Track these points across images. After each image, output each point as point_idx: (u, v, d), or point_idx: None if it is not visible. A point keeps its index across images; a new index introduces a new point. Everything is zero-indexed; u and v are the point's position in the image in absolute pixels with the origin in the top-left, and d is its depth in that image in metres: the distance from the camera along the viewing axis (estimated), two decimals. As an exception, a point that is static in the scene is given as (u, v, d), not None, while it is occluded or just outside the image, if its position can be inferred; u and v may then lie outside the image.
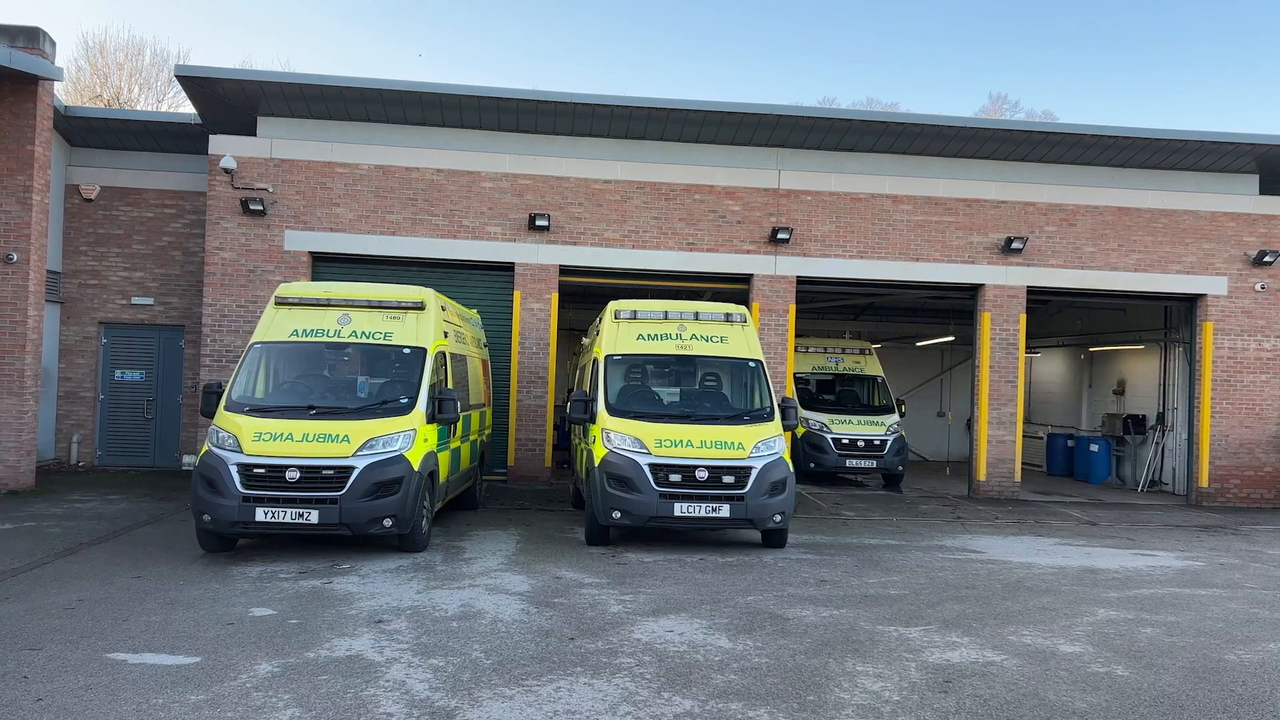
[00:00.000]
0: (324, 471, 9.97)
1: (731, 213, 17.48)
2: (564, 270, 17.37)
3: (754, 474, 11.01)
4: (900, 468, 19.19)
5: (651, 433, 11.18)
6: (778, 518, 11.19)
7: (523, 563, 10.25)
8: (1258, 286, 18.41)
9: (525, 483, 17.03)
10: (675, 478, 10.93)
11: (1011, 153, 18.17)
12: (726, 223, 17.45)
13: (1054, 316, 24.32)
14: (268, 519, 9.80)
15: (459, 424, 12.27)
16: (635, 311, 12.53)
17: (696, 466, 10.94)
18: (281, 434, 10.06)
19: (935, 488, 19.70)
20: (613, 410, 11.59)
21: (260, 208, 16.27)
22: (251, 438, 10.01)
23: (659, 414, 11.72)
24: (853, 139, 17.79)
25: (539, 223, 16.87)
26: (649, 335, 12.33)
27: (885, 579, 9.91)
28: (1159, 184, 18.48)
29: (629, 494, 10.93)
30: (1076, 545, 12.89)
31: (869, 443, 18.89)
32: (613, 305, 12.74)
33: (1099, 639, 7.51)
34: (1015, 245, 17.73)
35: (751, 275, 17.51)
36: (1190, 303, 18.83)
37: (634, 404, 11.89)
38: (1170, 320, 20.69)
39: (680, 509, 10.85)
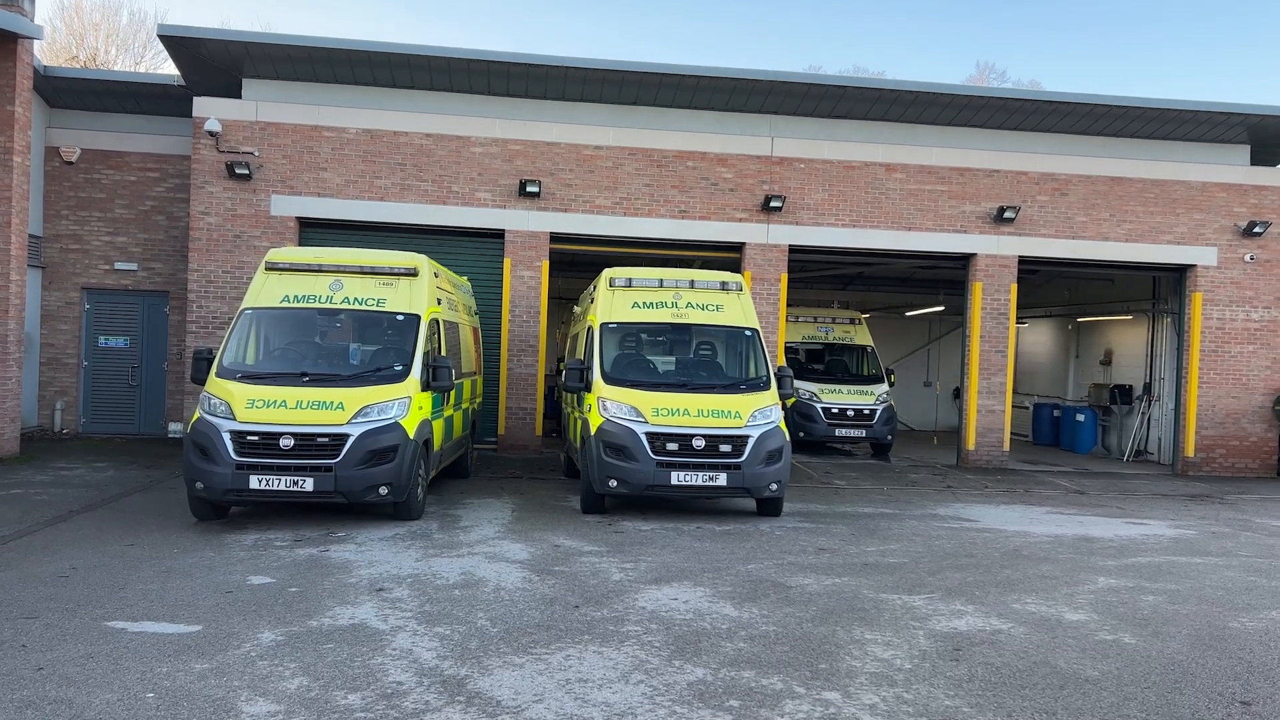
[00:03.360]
0: (319, 439, 9.86)
1: (724, 180, 17.33)
2: (554, 238, 17.19)
3: (751, 443, 10.97)
4: (889, 437, 19.25)
5: (648, 401, 11.11)
6: (774, 486, 11.17)
7: (520, 531, 10.19)
8: (1247, 257, 18.47)
9: (516, 451, 16.96)
10: (672, 446, 10.88)
11: (1004, 121, 18.08)
12: (719, 190, 17.30)
13: (1041, 287, 24.35)
14: (262, 487, 9.69)
15: (452, 392, 12.15)
16: (630, 279, 12.41)
17: (694, 435, 10.89)
18: (275, 401, 9.92)
19: (924, 457, 19.78)
20: (609, 379, 11.51)
21: (246, 172, 15.98)
22: (244, 404, 9.87)
23: (655, 383, 11.64)
24: (846, 106, 17.64)
25: (529, 189, 16.66)
26: (644, 303, 12.22)
27: (884, 547, 9.92)
28: (1151, 154, 18.45)
29: (626, 463, 10.87)
30: (1068, 514, 12.95)
31: (858, 412, 18.92)
32: (607, 273, 12.62)
33: (1103, 607, 7.54)
34: (1008, 215, 17.68)
35: (744, 244, 17.40)
36: (1180, 273, 18.88)
37: (630, 372, 11.81)
38: (1158, 291, 20.75)
39: (677, 477, 10.81)
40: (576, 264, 19.77)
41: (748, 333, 12.21)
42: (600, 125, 17.20)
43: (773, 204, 17.08)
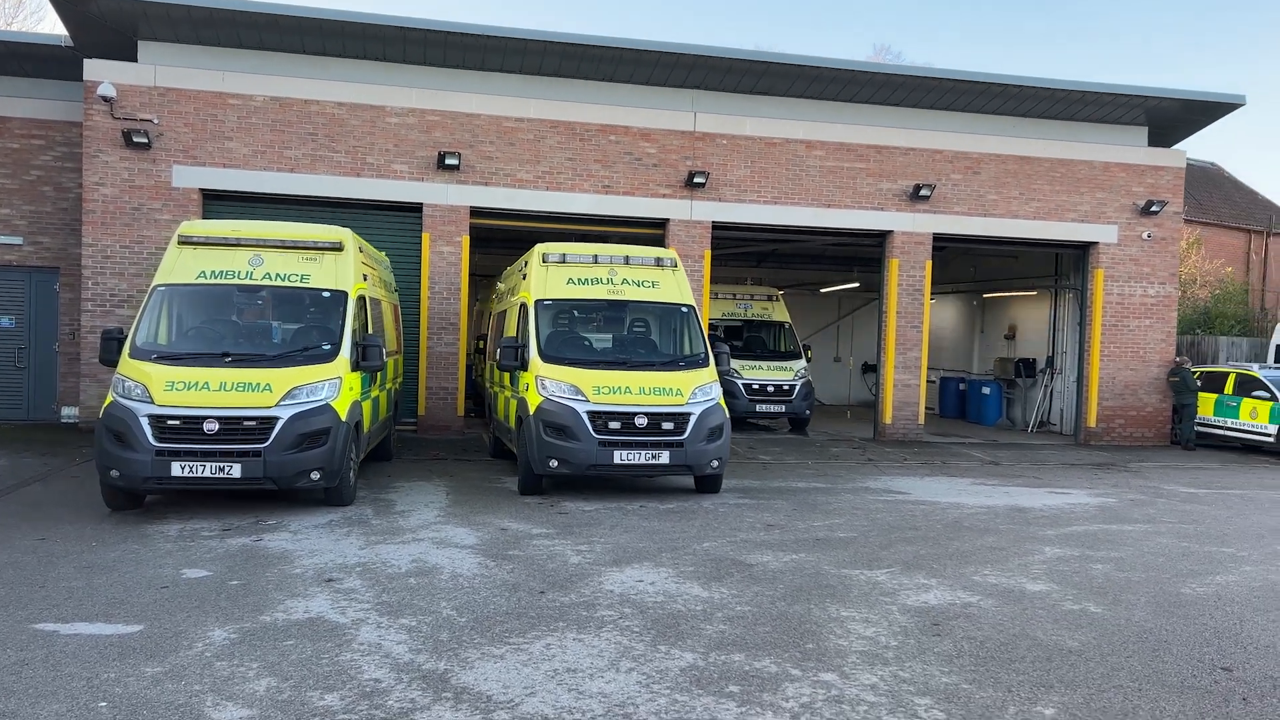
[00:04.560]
0: (245, 423, 9.33)
1: (647, 155, 17.12)
2: (475, 212, 16.71)
3: (693, 420, 10.87)
4: (807, 412, 19.48)
5: (589, 379, 10.88)
6: (715, 463, 11.11)
7: (461, 515, 9.86)
8: (1145, 235, 19.24)
9: (437, 433, 16.50)
10: (615, 425, 10.69)
11: (920, 100, 18.35)
12: (642, 165, 17.09)
13: (948, 264, 24.94)
14: (185, 474, 9.12)
15: (379, 372, 11.69)
16: (564, 255, 12.12)
17: (636, 413, 10.72)
18: (196, 383, 9.33)
19: (841, 431, 20.08)
20: (546, 357, 11.22)
21: (144, 140, 15.02)
22: (163, 387, 9.26)
23: (594, 360, 11.41)
24: (767, 83, 17.61)
25: (449, 161, 16.15)
26: (579, 280, 11.95)
27: (829, 522, 9.96)
28: (1057, 134, 19.01)
29: (567, 442, 10.63)
30: (991, 485, 13.28)
31: (778, 388, 19.06)
32: (539, 248, 12.29)
33: (1059, 577, 7.69)
34: (923, 192, 17.99)
35: (667, 220, 17.25)
36: (1083, 250, 19.55)
37: (567, 350, 11.55)
38: (1060, 268, 21.48)
39: (620, 456, 10.64)
40: (491, 239, 19.27)
41: (684, 309, 12.07)
42: (522, 97, 16.77)
43: (696, 180, 16.97)
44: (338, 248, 10.91)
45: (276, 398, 9.46)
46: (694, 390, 11.03)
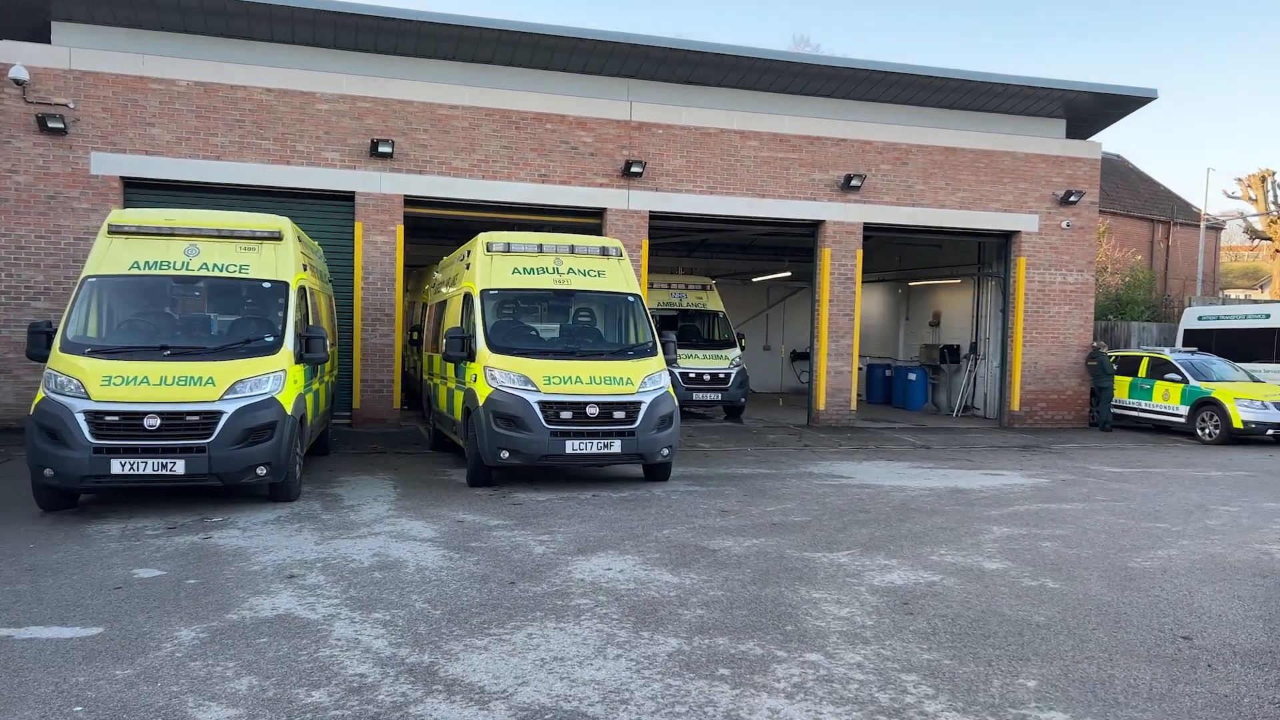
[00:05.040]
0: (188, 417, 9.04)
1: (584, 144, 17.06)
2: (409, 201, 16.44)
3: (644, 409, 10.89)
4: (743, 400, 19.70)
5: (539, 370, 10.82)
6: (666, 451, 11.17)
7: (413, 508, 9.71)
8: (1064, 224, 19.91)
9: (373, 426, 16.21)
10: (566, 415, 10.65)
11: (850, 92, 18.65)
12: (579, 154, 17.02)
13: (874, 253, 25.43)
14: (125, 471, 8.80)
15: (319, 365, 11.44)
16: (509, 244, 12.01)
17: (588, 403, 10.69)
18: (135, 378, 9.00)
19: (775, 418, 20.35)
20: (494, 347, 11.11)
21: (60, 126, 14.39)
22: (99, 382, 8.91)
23: (543, 350, 11.34)
24: (702, 73, 17.70)
25: (382, 149, 15.84)
26: (525, 269, 11.86)
27: (781, 507, 10.09)
28: (981, 126, 19.52)
29: (518, 433, 10.56)
30: (928, 468, 13.62)
31: (714, 376, 19.22)
32: (483, 237, 12.16)
33: (1012, 555, 7.94)
34: (854, 183, 18.30)
35: (605, 209, 17.22)
36: (1006, 239, 20.14)
37: (515, 340, 11.45)
38: (983, 256, 22.09)
39: (572, 446, 10.60)
40: (419, 229, 18.97)
41: (631, 298, 12.08)
42: (456, 84, 16.55)
43: (633, 169, 16.97)
44: (277, 237, 10.63)
45: (220, 391, 9.19)
46: (644, 379, 11.06)
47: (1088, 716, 4.55)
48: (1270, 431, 17.44)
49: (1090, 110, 20.00)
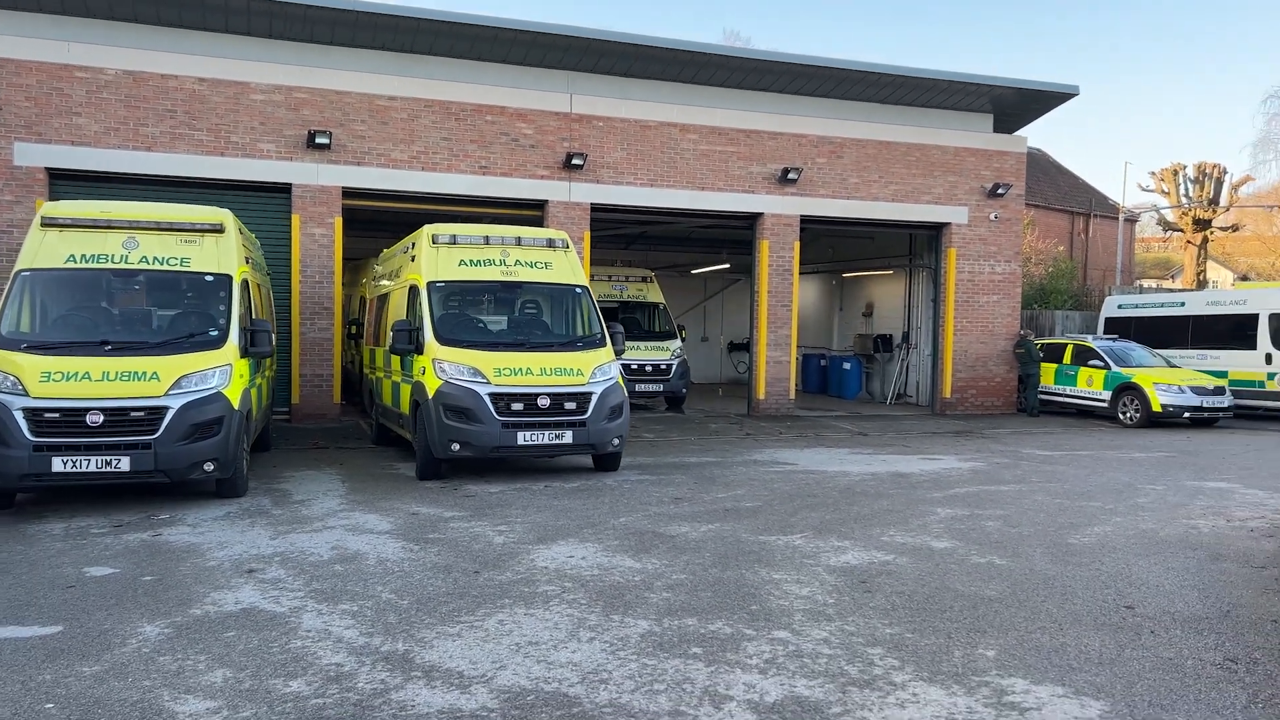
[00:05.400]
0: (133, 413, 8.89)
1: (524, 136, 17.04)
2: (348, 193, 16.25)
3: (594, 399, 10.98)
4: (684, 390, 19.90)
5: (489, 361, 10.83)
6: (616, 441, 11.27)
7: (365, 501, 9.66)
8: (992, 216, 20.50)
9: (313, 421, 16.01)
10: (517, 406, 10.68)
11: (786, 86, 18.94)
12: (520, 146, 17.00)
13: (809, 245, 25.84)
14: (67, 469, 8.63)
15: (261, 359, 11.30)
16: (454, 236, 11.98)
17: (538, 394, 10.74)
18: (76, 373, 8.81)
19: (715, 408, 20.60)
20: (442, 339, 11.08)
21: (-19, 114, 13.90)
22: (38, 378, 8.70)
23: (492, 342, 11.35)
24: (642, 66, 17.81)
25: (319, 140, 15.63)
26: (472, 261, 11.85)
27: (731, 493, 10.27)
28: (912, 120, 19.98)
29: (469, 425, 10.56)
30: (868, 454, 13.96)
31: (656, 367, 19.38)
32: (428, 229, 12.10)
33: (958, 534, 8.22)
34: (791, 176, 18.60)
35: (546, 201, 17.24)
36: (937, 231, 20.65)
37: (464, 332, 11.43)
38: (914, 247, 22.62)
39: (524, 437, 10.64)
40: (357, 221, 18.76)
41: (578, 290, 12.14)
42: (394, 75, 16.39)
43: (574, 162, 17.01)
44: (219, 229, 10.45)
45: (165, 387, 9.04)
46: (594, 370, 11.14)
47: (1046, 681, 4.79)
48: (1187, 414, 18.22)
49: (1016, 105, 20.61)
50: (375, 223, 20.00)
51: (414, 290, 11.87)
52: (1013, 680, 4.80)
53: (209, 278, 10.15)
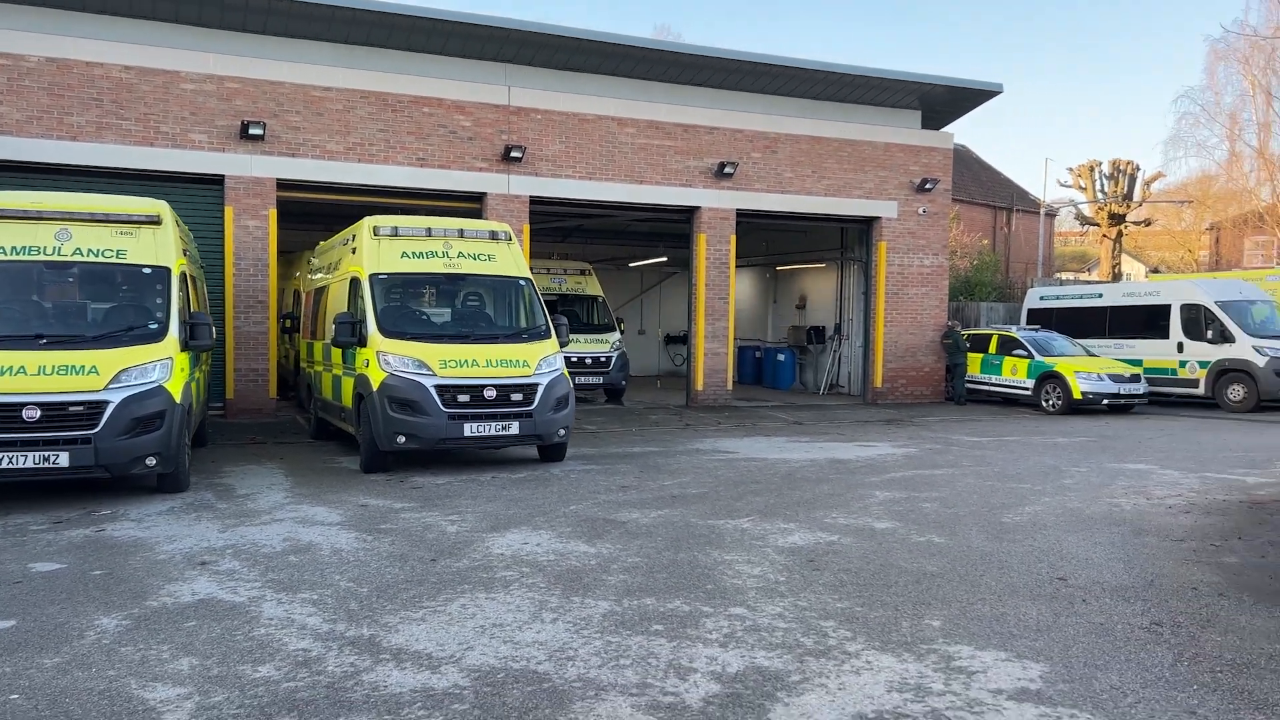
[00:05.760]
0: (72, 408, 8.73)
1: (463, 128, 17.01)
2: (282, 184, 16.04)
3: (540, 391, 11.08)
4: (623, 382, 20.08)
5: (434, 354, 10.85)
6: (562, 432, 11.40)
7: (311, 494, 9.63)
8: (920, 210, 21.06)
9: (249, 416, 15.79)
10: (464, 398, 10.73)
11: (723, 81, 19.19)
12: (458, 139, 16.96)
13: (743, 238, 26.18)
14: (5, 465, 8.48)
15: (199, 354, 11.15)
16: (396, 228, 11.96)
17: (484, 386, 10.80)
18: (10, 368, 8.63)
19: (654, 400, 20.82)
20: (386, 332, 11.07)
21: (-104, 101, 13.41)
22: (-30, 374, 8.48)
23: (437, 334, 11.37)
24: (580, 59, 17.89)
25: (252, 131, 15.42)
26: (414, 253, 11.84)
27: (677, 480, 10.47)
28: (844, 116, 20.41)
29: (415, 417, 10.58)
30: (805, 442, 14.29)
31: (595, 360, 19.51)
32: (369, 221, 12.06)
33: (897, 515, 8.53)
34: (727, 170, 18.88)
35: (485, 194, 17.24)
36: (868, 225, 21.14)
37: (407, 325, 11.43)
38: (846, 241, 23.11)
39: (470, 429, 10.70)
40: (290, 213, 18.48)
41: (522, 282, 12.22)
42: (329, 65, 16.22)
43: (513, 154, 17.04)
44: (155, 221, 10.29)
45: (105, 380, 8.90)
46: (540, 362, 11.24)
47: (989, 647, 5.07)
48: (1105, 401, 18.98)
49: (943, 103, 21.19)
50: (309, 215, 19.70)
51: (355, 282, 11.82)
52: (959, 647, 5.07)
53: (146, 270, 9.98)
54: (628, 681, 4.59)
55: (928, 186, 20.84)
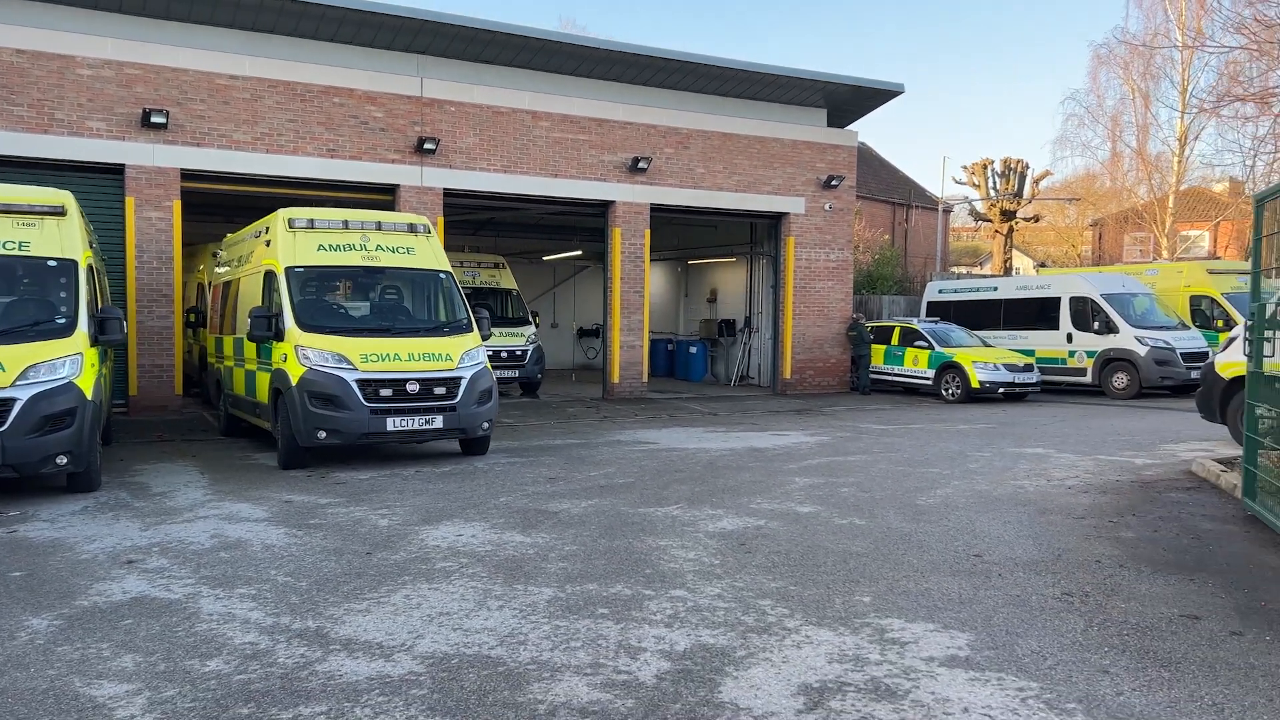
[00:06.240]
0: (-24, 406, 8.39)
1: (374, 119, 16.80)
2: (187, 175, 15.60)
3: (464, 384, 11.09)
4: (539, 376, 20.12)
5: (355, 348, 10.76)
6: (486, 425, 11.43)
7: (231, 491, 9.46)
8: (826, 206, 21.64)
9: (153, 413, 15.33)
10: (386, 392, 10.67)
11: (635, 77, 19.38)
12: (370, 130, 16.75)
13: (655, 233, 26.42)
14: (-96, 466, 8.08)
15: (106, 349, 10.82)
16: (312, 220, 11.80)
17: (407, 380, 10.76)
18: (-90, 364, 8.26)
19: (570, 393, 20.92)
20: (305, 326, 10.92)
21: None
22: None
23: (357, 328, 11.27)
24: (493, 52, 17.85)
25: (155, 119, 14.96)
26: (331, 246, 11.70)
27: (602, 471, 10.62)
28: (754, 114, 20.83)
29: (337, 412, 10.47)
30: (722, 431, 14.61)
31: (511, 353, 19.51)
32: (283, 213, 11.87)
33: (818, 500, 8.85)
34: (641, 165, 19.09)
35: (398, 186, 17.07)
36: (777, 220, 21.62)
37: (326, 319, 11.30)
38: (755, 236, 23.58)
39: (393, 423, 10.65)
40: (194, 205, 17.96)
41: (442, 275, 12.19)
42: (235, 53, 15.83)
43: (426, 146, 16.91)
44: (60, 212, 9.97)
45: (11, 377, 8.60)
46: (463, 355, 11.25)
47: (918, 619, 5.37)
48: (1001, 390, 19.84)
49: (848, 101, 21.79)
50: (212, 207, 19.20)
51: (270, 276, 11.61)
52: (890, 620, 5.35)
53: (51, 263, 9.66)
54: (581, 662, 4.73)
55: (834, 183, 21.42)
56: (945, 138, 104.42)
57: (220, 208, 19.73)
